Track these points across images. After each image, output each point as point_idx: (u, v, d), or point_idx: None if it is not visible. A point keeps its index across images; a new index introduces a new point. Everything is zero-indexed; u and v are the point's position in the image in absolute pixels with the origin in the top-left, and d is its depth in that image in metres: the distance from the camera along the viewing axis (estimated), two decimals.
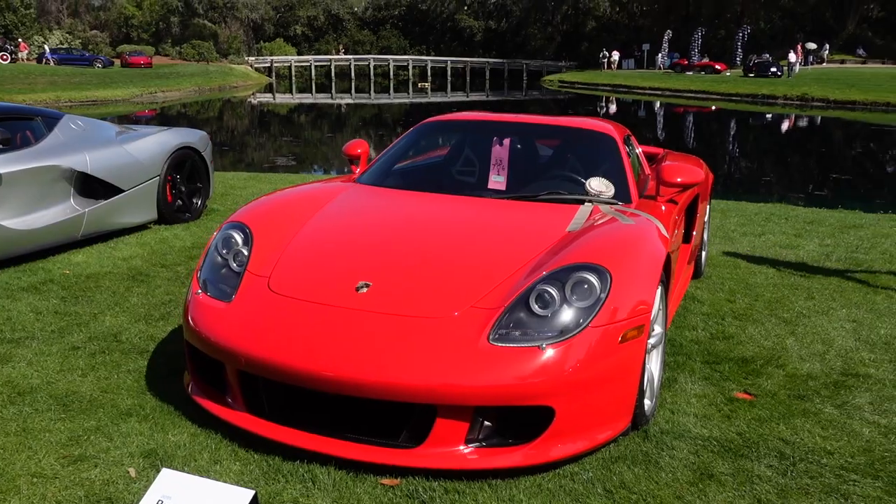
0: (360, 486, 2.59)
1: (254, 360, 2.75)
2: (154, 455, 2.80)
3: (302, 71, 63.27)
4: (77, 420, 3.08)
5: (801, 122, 31.31)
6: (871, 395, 3.61)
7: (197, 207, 7.32)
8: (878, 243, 6.91)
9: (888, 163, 20.55)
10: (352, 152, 4.52)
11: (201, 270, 3.29)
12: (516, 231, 3.41)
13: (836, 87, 37.59)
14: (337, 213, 3.65)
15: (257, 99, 45.37)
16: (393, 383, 2.57)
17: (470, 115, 4.76)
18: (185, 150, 7.09)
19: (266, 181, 10.27)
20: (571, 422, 2.68)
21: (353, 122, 33.21)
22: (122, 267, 5.53)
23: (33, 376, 3.52)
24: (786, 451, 2.98)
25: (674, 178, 3.85)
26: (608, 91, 47.03)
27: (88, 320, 4.34)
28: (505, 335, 2.69)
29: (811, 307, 4.97)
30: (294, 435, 2.74)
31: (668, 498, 2.60)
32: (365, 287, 2.93)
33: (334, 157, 20.79)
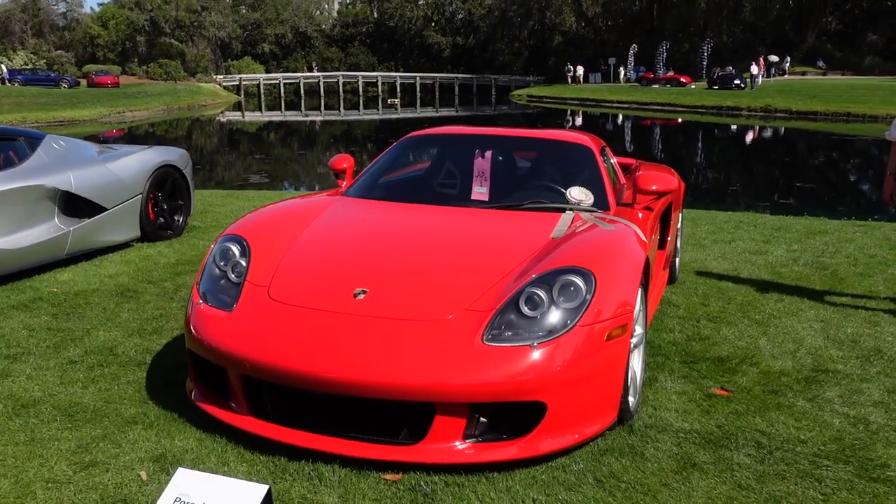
0: (365, 482, 2.73)
1: (258, 365, 2.88)
2: (163, 459, 2.90)
3: (271, 89, 63.24)
4: (83, 429, 3.17)
5: (765, 132, 32.05)
6: (839, 388, 3.81)
7: (178, 224, 7.39)
8: (843, 248, 7.19)
9: (849, 171, 21.16)
10: (338, 167, 4.67)
11: (200, 283, 3.41)
12: (502, 238, 3.58)
13: (798, 98, 38.53)
14: (328, 225, 3.79)
15: (226, 117, 45.28)
16: (393, 383, 2.71)
17: (452, 129, 4.94)
18: (167, 168, 7.18)
19: (243, 198, 10.36)
20: (562, 416, 2.84)
21: (323, 139, 33.32)
22: (110, 284, 5.60)
23: (34, 389, 3.60)
24: (762, 441, 3.17)
25: (649, 186, 4.05)
26: (576, 105, 47.68)
27: (82, 335, 4.42)
28: (497, 335, 2.86)
29: (781, 309, 5.19)
30: (298, 436, 2.87)
31: (655, 485, 2.77)
32: (362, 293, 3.08)
33: (306, 174, 20.91)
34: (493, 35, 70.66)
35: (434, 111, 49.48)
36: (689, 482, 2.79)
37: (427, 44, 73.46)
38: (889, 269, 6.34)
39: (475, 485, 2.72)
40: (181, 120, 42.12)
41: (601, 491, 2.72)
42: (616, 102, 46.02)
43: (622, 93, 48.32)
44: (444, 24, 74.66)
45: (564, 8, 65.61)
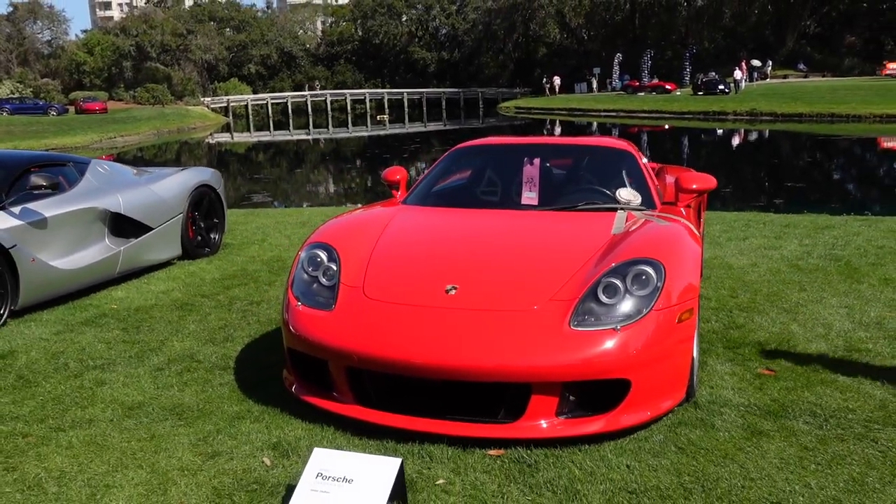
0: (472, 458, 3.02)
1: (365, 357, 3.17)
2: (279, 447, 3.18)
3: (258, 109, 63.61)
4: (196, 425, 3.44)
5: (752, 135, 32.62)
6: (874, 365, 4.13)
7: (215, 242, 7.67)
8: (852, 240, 7.54)
9: (837, 170, 21.67)
10: (391, 178, 4.98)
11: (293, 287, 3.70)
12: (568, 236, 3.90)
13: (782, 101, 39.24)
14: (402, 230, 4.10)
15: (215, 139, 45.53)
16: (494, 366, 3.01)
17: (497, 140, 5.28)
18: (203, 188, 7.47)
19: (264, 216, 10.63)
20: (642, 393, 3.15)
21: (313, 158, 33.60)
22: (165, 299, 5.86)
23: (134, 394, 3.87)
24: (816, 411, 3.48)
25: (690, 185, 4.39)
26: (564, 115, 48.25)
27: (158, 346, 4.68)
28: (582, 321, 3.17)
29: (805, 298, 5.51)
30: (404, 419, 3.17)
31: (730, 450, 3.07)
32: (453, 289, 3.38)
33: (305, 191, 21.16)
34: (477, 49, 71.40)
35: (423, 126, 49.89)
36: (760, 446, 3.10)
37: (412, 59, 74.12)
38: None
39: (571, 455, 3.02)
40: (171, 143, 42.35)
41: (684, 456, 3.02)
42: (603, 111, 46.62)
43: (609, 101, 48.97)
44: (428, 39, 75.37)
45: (548, 20, 66.44)
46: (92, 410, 3.68)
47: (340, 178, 24.53)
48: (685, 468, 2.92)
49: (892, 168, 21.62)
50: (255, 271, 6.77)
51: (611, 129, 39.37)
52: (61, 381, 4.10)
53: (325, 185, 23.07)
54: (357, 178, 24.44)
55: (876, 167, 22.20)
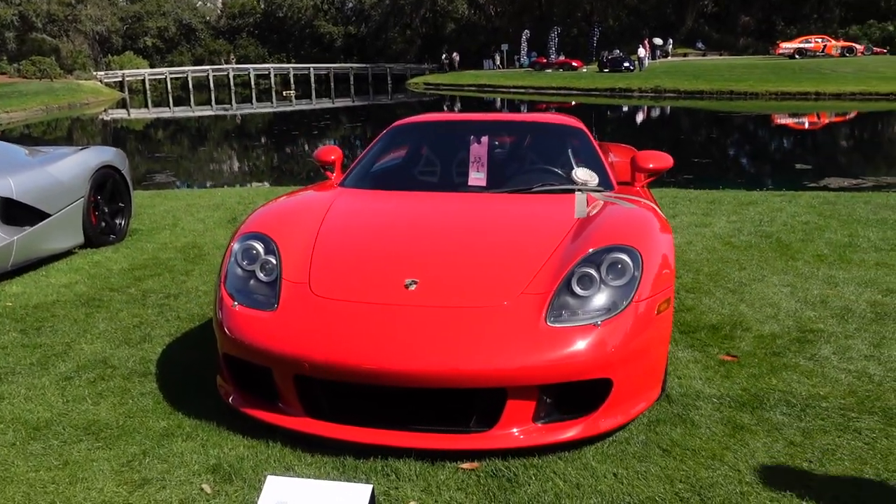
0: (443, 473, 2.70)
1: (319, 364, 2.78)
2: (220, 470, 2.77)
3: (156, 84, 60.62)
4: (117, 447, 2.98)
5: (657, 112, 33.35)
6: (830, 346, 4.04)
7: (121, 228, 7.02)
8: (776, 217, 7.60)
9: (738, 145, 22.32)
10: (325, 158, 4.56)
11: (227, 284, 3.26)
12: (528, 221, 3.60)
13: (684, 78, 40.31)
14: (345, 216, 3.70)
15: (111, 115, 43.14)
16: (465, 371, 2.69)
17: (438, 116, 4.91)
18: (106, 169, 6.80)
19: (173, 198, 9.93)
20: (623, 392, 2.90)
21: (216, 135, 32.22)
22: (68, 294, 5.27)
23: (39, 410, 3.36)
24: (790, 400, 3.33)
25: (647, 164, 4.17)
26: (474, 91, 48.11)
27: (64, 350, 4.14)
28: (558, 317, 2.88)
29: (747, 276, 5.44)
30: (363, 433, 2.81)
31: (717, 449, 2.87)
32: (413, 284, 3.03)
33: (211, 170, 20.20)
34: (384, 24, 70.20)
35: (331, 102, 48.78)
36: (746, 443, 2.91)
37: (318, 34, 72.22)
38: (826, 234, 6.75)
39: (552, 465, 2.74)
40: (62, 120, 39.83)
41: (671, 459, 2.79)
42: (513, 88, 46.71)
43: (518, 78, 49.10)
44: (334, 13, 73.59)
45: None
46: None
47: (247, 156, 23.55)
48: (675, 473, 2.69)
49: (792, 143, 22.43)
50: (168, 260, 6.21)
51: (520, 105, 39.52)
52: None
53: (231, 163, 22.06)
54: (264, 156, 23.54)
55: (777, 143, 23.01)
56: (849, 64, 41.34)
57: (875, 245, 6.29)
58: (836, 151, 19.85)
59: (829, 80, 36.62)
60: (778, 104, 33.44)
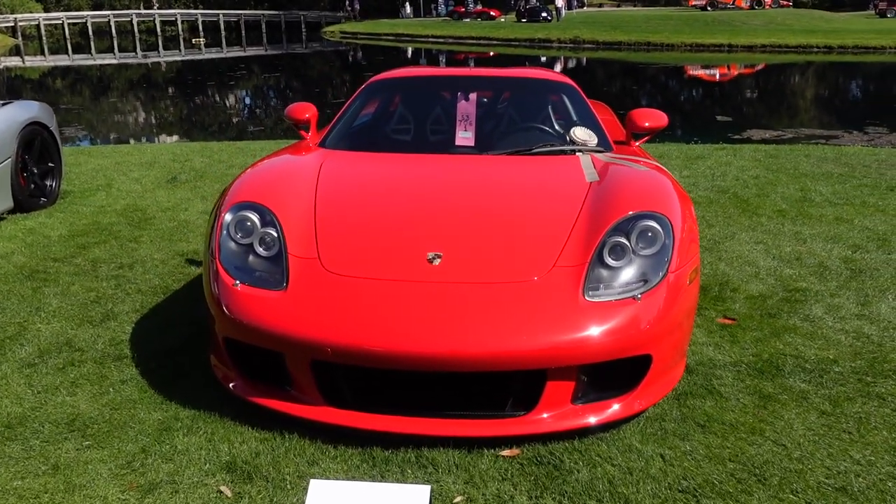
0: (484, 462, 2.52)
1: (342, 348, 2.53)
2: (235, 468, 2.51)
3: (52, 30, 56.78)
4: (111, 445, 2.67)
5: (576, 62, 33.48)
6: (820, 306, 4.05)
7: (52, 190, 6.46)
8: (728, 171, 7.65)
9: (659, 97, 22.67)
10: (299, 116, 4.21)
11: (221, 260, 2.94)
12: (540, 186, 3.39)
13: (602, 29, 40.56)
14: (339, 182, 3.41)
15: (3, 63, 40.21)
16: (503, 353, 2.50)
17: (419, 71, 4.61)
18: (34, 126, 6.21)
19: (99, 155, 9.25)
20: (660, 367, 2.77)
21: (122, 84, 30.44)
22: (7, 266, 4.78)
23: (5, 404, 2.99)
24: (804, 366, 3.29)
25: (643, 123, 4.02)
26: (391, 40, 47.14)
27: (18, 332, 3.74)
28: (595, 290, 2.71)
29: (717, 234, 5.43)
30: (389, 421, 2.59)
31: (754, 423, 2.79)
32: (437, 258, 2.79)
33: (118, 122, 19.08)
34: None
35: (242, 50, 46.88)
36: (781, 416, 2.84)
37: None
38: (778, 189, 6.84)
39: (595, 447, 2.60)
40: None
41: (713, 436, 2.70)
42: (431, 37, 45.99)
43: (436, 27, 48.36)
44: None
45: None
46: None
47: (159, 109, 22.34)
48: (723, 452, 2.59)
49: (711, 96, 22.90)
50: (110, 225, 5.74)
51: (437, 55, 38.96)
52: None
53: (142, 116, 20.87)
54: (173, 108, 22.38)
55: (697, 95, 23.46)
56: (758, 17, 42.47)
57: (829, 199, 6.40)
58: (750, 103, 20.38)
59: (741, 32, 37.54)
60: (693, 55, 34.10)
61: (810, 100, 21.24)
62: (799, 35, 35.86)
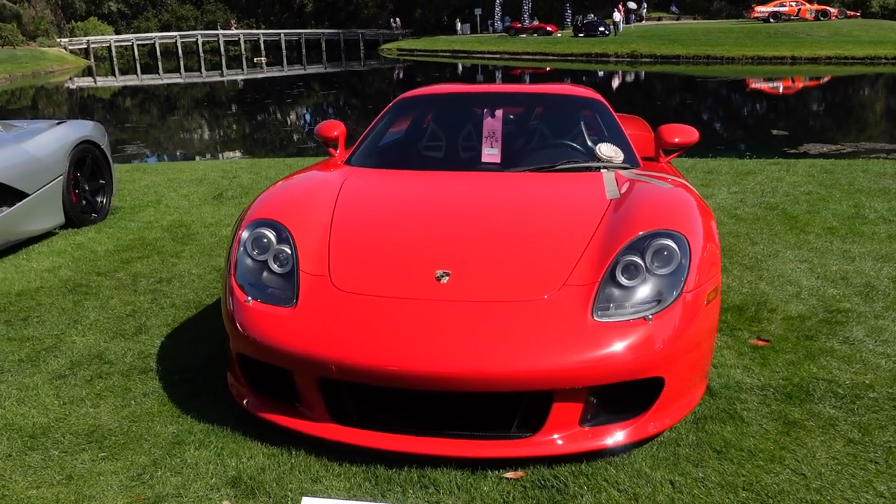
0: (486, 484, 2.48)
1: (348, 366, 2.54)
2: (241, 483, 2.53)
3: (123, 51, 59.00)
4: (125, 457, 2.73)
5: (633, 77, 33.10)
6: (862, 328, 3.88)
7: (103, 206, 6.68)
8: (778, 187, 7.44)
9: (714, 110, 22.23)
10: (328, 134, 4.27)
11: (237, 276, 2.99)
12: (558, 203, 3.35)
13: (660, 43, 40.08)
14: (358, 200, 3.43)
15: (76, 83, 41.94)
16: (510, 373, 2.46)
17: (447, 88, 4.61)
18: (86, 145, 6.44)
19: (152, 172, 9.53)
20: (674, 390, 2.70)
21: (187, 103, 31.39)
22: (52, 280, 4.95)
23: (34, 415, 3.09)
24: (837, 391, 3.16)
25: (672, 139, 3.94)
26: (448, 57, 47.48)
27: (55, 344, 3.86)
28: (605, 311, 2.66)
29: (761, 252, 5.27)
30: (394, 440, 2.58)
31: (774, 450, 2.69)
32: (445, 276, 2.78)
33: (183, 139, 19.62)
34: None
35: (302, 69, 47.86)
36: (804, 443, 2.73)
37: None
38: (831, 205, 6.61)
39: (602, 472, 2.54)
40: (26, 88, 38.63)
41: (728, 462, 2.61)
42: (487, 53, 46.15)
43: (492, 43, 48.50)
44: None
45: None
46: None
47: (220, 126, 22.94)
48: (736, 480, 2.51)
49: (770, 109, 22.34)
50: (155, 240, 5.90)
51: (494, 71, 39.06)
52: None
53: (204, 132, 21.47)
54: (236, 125, 22.94)
55: (754, 108, 22.93)
56: (823, 28, 41.36)
57: (883, 216, 6.16)
58: (812, 117, 19.81)
59: (805, 44, 36.63)
60: (754, 68, 33.39)
61: (879, 113, 20.54)
62: (866, 46, 34.78)
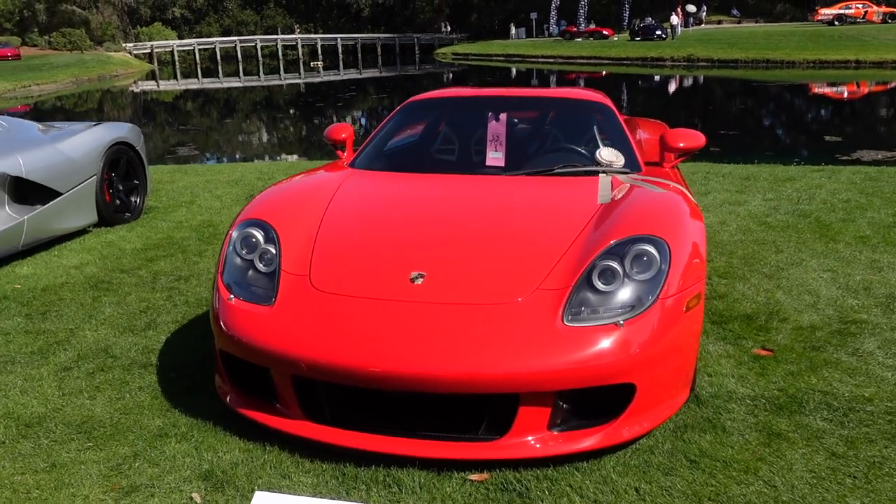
0: (449, 485, 2.49)
1: (316, 365, 2.58)
2: (212, 477, 2.60)
3: (185, 55, 60.73)
4: (108, 448, 2.82)
5: (690, 81, 32.54)
6: (875, 340, 3.75)
7: (136, 206, 6.89)
8: (815, 194, 7.23)
9: (769, 116, 21.67)
10: (336, 137, 4.34)
11: (224, 274, 3.07)
12: (547, 207, 3.34)
13: (718, 46, 39.29)
14: (351, 202, 3.48)
15: (140, 87, 43.29)
16: (476, 375, 2.47)
17: (455, 92, 4.64)
18: (120, 146, 6.65)
19: (192, 173, 9.78)
20: (648, 397, 2.66)
21: (245, 106, 32.10)
22: (78, 276, 5.13)
23: (34, 404, 3.21)
24: (831, 403, 3.06)
25: (677, 143, 3.88)
26: (502, 61, 47.48)
27: (67, 337, 4.01)
28: (577, 315, 2.64)
29: (784, 260, 5.13)
30: (364, 439, 2.61)
31: (750, 462, 2.62)
32: (420, 278, 2.80)
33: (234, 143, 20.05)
34: None
35: (358, 73, 48.47)
36: (784, 455, 2.66)
37: (346, 3, 71.64)
38: (868, 213, 6.39)
39: (568, 477, 2.52)
40: (92, 92, 40.05)
41: (699, 472, 2.56)
42: (542, 57, 45.98)
43: (547, 47, 48.30)
44: None
45: None
46: None
47: (274, 128, 23.41)
48: (704, 489, 2.46)
49: (826, 114, 21.70)
50: (182, 239, 6.06)
51: (548, 75, 38.86)
52: None
53: (257, 135, 21.94)
54: (291, 128, 23.38)
55: (811, 113, 22.30)
56: (891, 30, 39.94)
57: None
58: (872, 122, 19.15)
59: (870, 47, 35.41)
60: (815, 73, 32.45)
61: None
62: None
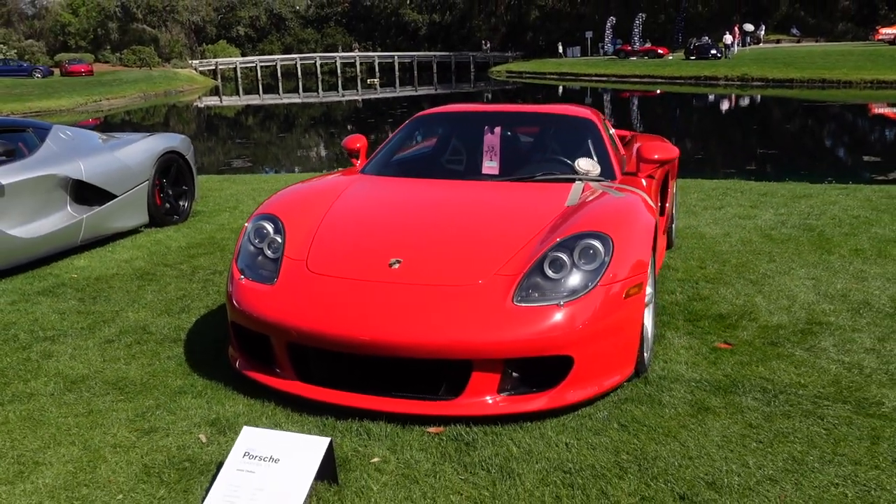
0: (410, 435, 2.97)
1: (305, 333, 3.10)
2: (218, 423, 3.12)
3: (247, 72, 62.85)
4: (136, 400, 3.38)
5: (743, 101, 32.37)
6: (834, 339, 4.08)
7: (184, 209, 7.56)
8: (827, 210, 7.47)
9: (811, 136, 21.55)
10: (351, 146, 4.88)
11: (238, 260, 3.62)
12: (521, 208, 3.82)
13: (773, 66, 38.95)
14: (354, 201, 4.01)
15: (204, 102, 45.01)
16: (434, 343, 2.95)
17: (458, 108, 5.16)
18: (171, 155, 7.34)
19: (240, 182, 10.49)
20: (587, 369, 3.09)
21: (303, 122, 33.23)
22: (127, 268, 5.77)
23: (80, 367, 3.80)
24: (767, 387, 3.43)
25: (652, 155, 4.30)
26: (556, 79, 47.86)
27: (112, 317, 4.61)
28: (526, 297, 3.10)
29: (774, 269, 5.45)
30: (344, 396, 3.11)
31: (673, 427, 3.03)
32: (397, 263, 3.30)
33: (287, 157, 20.91)
34: (469, 11, 70.51)
35: (413, 90, 49.41)
36: (705, 423, 3.06)
37: (403, 22, 73.17)
38: (872, 228, 6.63)
39: (511, 433, 2.97)
40: (158, 107, 41.86)
41: (625, 433, 2.98)
42: (595, 76, 46.24)
43: (600, 66, 48.54)
44: (419, 1, 74.32)
45: None
46: (34, 384, 3.61)
47: (329, 143, 24.27)
48: (624, 446, 2.88)
49: (875, 135, 21.49)
50: (222, 240, 6.68)
51: (602, 93, 39.09)
52: (8, 354, 4.03)
53: (312, 149, 22.85)
54: (331, 141, 24.15)
55: (863, 133, 22.09)
56: None
57: None
58: None
59: None
60: (873, 93, 31.94)
61: None
62: None
